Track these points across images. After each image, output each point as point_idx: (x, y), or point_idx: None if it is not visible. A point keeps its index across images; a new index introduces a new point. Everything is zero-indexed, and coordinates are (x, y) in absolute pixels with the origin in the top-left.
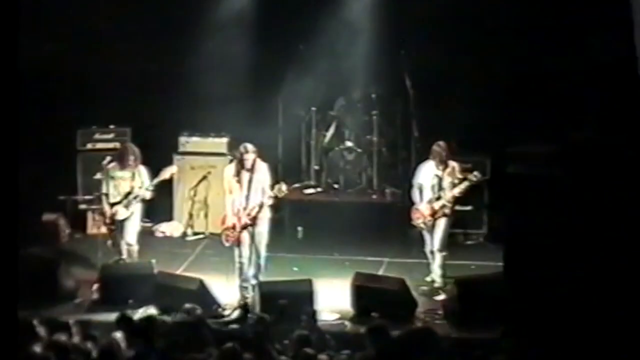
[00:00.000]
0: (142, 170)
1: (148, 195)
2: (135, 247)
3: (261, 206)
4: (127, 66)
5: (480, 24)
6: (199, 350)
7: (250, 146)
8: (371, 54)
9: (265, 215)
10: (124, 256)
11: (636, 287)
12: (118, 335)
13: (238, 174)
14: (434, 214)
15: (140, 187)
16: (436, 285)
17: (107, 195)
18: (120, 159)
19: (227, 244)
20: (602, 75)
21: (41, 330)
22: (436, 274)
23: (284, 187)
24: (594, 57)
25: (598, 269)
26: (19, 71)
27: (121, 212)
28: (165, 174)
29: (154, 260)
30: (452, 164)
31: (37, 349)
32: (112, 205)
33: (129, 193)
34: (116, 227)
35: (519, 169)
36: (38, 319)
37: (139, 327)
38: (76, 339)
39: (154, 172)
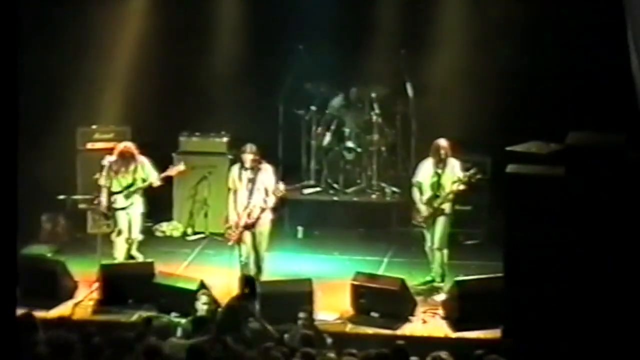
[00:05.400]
0: (145, 162)
1: (155, 183)
2: (139, 238)
3: (263, 207)
4: (127, 66)
5: (480, 24)
6: None
7: (250, 147)
8: (371, 53)
9: (267, 216)
10: (121, 257)
11: (636, 287)
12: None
13: (241, 173)
14: (433, 212)
15: (144, 180)
16: (436, 284)
17: (108, 188)
18: (121, 157)
19: (229, 243)
20: (602, 75)
21: (40, 330)
22: (436, 273)
23: (281, 186)
24: (594, 56)
25: (598, 268)
26: (18, 71)
27: (120, 201)
28: (172, 171)
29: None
30: (453, 161)
31: (37, 349)
32: (112, 194)
33: (130, 185)
34: (113, 217)
35: (519, 169)
36: (37, 318)
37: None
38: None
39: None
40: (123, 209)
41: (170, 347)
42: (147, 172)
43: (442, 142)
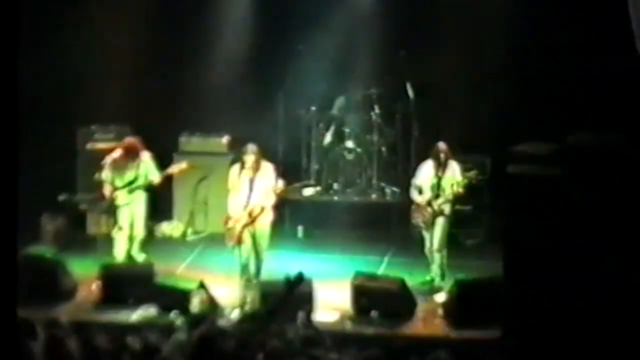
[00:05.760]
0: (147, 159)
1: (156, 180)
2: (141, 235)
3: (262, 207)
4: (127, 66)
5: (480, 24)
6: None
7: (251, 147)
8: (371, 54)
9: (267, 217)
10: (121, 254)
11: (636, 287)
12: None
13: (241, 173)
14: (433, 213)
15: (145, 176)
16: (436, 285)
17: (111, 183)
18: (125, 152)
19: (229, 243)
20: (603, 75)
21: (41, 331)
22: (436, 273)
23: (280, 183)
24: (594, 56)
25: (598, 268)
26: (18, 70)
27: (122, 197)
28: (174, 169)
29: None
30: (453, 165)
31: (37, 349)
32: (115, 190)
33: (132, 181)
34: (115, 213)
35: (519, 169)
36: (37, 319)
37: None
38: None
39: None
40: (126, 205)
41: (172, 343)
42: (148, 168)
43: (442, 145)
